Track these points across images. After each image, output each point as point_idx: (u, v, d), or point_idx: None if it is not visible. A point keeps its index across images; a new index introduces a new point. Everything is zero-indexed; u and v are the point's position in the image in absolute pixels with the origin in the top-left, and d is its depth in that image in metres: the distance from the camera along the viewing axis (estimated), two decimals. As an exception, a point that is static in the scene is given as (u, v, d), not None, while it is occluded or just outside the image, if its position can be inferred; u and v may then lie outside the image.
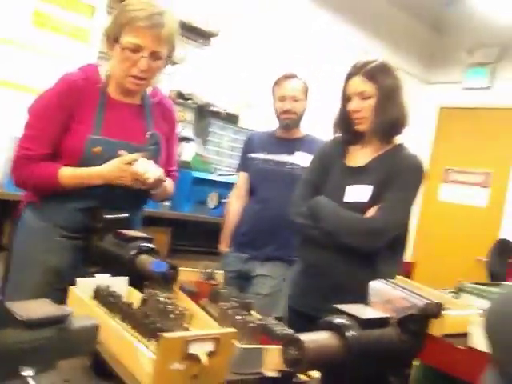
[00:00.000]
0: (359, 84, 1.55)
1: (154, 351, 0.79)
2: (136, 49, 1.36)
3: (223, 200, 2.97)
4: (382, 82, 1.54)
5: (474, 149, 4.70)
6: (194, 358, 0.78)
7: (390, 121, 1.55)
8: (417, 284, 1.06)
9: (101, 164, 1.40)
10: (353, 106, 1.56)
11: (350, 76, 1.59)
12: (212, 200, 3.20)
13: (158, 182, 1.42)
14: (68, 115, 1.40)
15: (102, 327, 0.83)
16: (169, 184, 1.57)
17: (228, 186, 2.79)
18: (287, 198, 1.76)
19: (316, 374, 0.96)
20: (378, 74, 1.55)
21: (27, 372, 0.72)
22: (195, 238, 3.02)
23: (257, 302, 1.38)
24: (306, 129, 2.43)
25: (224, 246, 2.43)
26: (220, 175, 3.47)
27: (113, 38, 1.40)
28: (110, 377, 0.88)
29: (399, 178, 1.54)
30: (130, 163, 1.38)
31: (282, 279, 2.22)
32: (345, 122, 1.63)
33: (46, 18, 2.94)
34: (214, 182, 3.26)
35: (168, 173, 1.57)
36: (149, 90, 1.54)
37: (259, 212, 2.29)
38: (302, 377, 0.95)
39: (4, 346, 0.72)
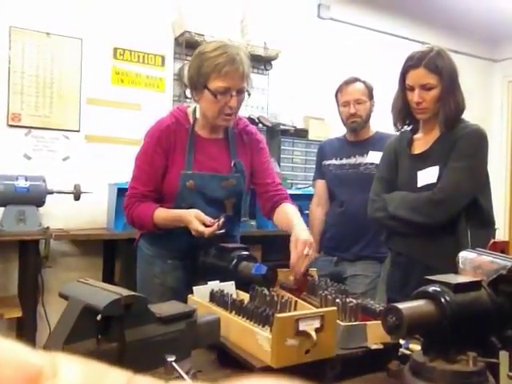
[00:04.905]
0: (423, 76, 1.58)
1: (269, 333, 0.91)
2: (225, 91, 1.49)
3: (305, 211, 3.07)
4: (444, 73, 1.56)
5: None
6: (304, 335, 0.89)
7: (456, 109, 1.59)
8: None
9: (194, 197, 1.54)
10: (416, 97, 1.59)
11: (410, 68, 1.61)
12: (294, 213, 3.31)
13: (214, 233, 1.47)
14: (165, 157, 1.56)
15: (222, 321, 0.97)
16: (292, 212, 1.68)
17: (307, 198, 2.88)
18: (366, 197, 1.83)
19: (417, 347, 1.03)
20: (439, 63, 1.57)
21: (171, 358, 0.87)
22: (284, 251, 3.13)
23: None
24: (376, 126, 2.43)
25: (313, 253, 2.52)
26: (297, 188, 3.59)
27: (201, 85, 1.51)
28: (234, 365, 1.02)
29: (458, 147, 1.56)
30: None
31: (375, 276, 2.26)
32: (406, 111, 1.67)
33: (122, 74, 3.28)
34: (293, 195, 3.37)
35: (279, 197, 1.70)
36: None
37: (341, 215, 2.36)
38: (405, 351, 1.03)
39: (148, 339, 0.89)
